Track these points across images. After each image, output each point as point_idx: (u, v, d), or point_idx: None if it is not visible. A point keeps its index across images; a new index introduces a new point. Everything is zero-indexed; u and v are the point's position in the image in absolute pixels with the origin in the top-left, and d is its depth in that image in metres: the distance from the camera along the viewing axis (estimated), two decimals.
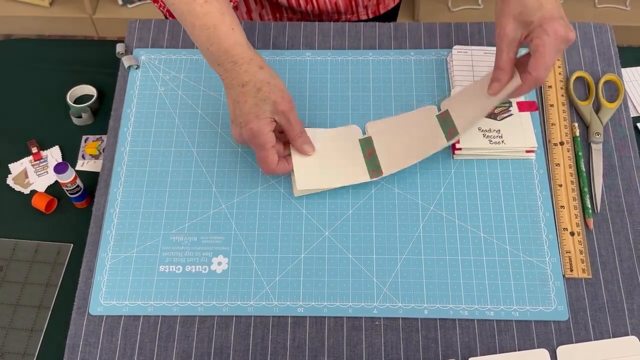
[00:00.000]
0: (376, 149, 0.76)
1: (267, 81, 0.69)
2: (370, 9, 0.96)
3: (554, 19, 0.65)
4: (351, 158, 0.76)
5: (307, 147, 0.74)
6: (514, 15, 0.67)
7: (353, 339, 0.68)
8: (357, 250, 0.72)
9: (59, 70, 0.90)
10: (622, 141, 0.79)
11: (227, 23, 0.70)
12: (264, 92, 0.69)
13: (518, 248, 0.72)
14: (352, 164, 0.75)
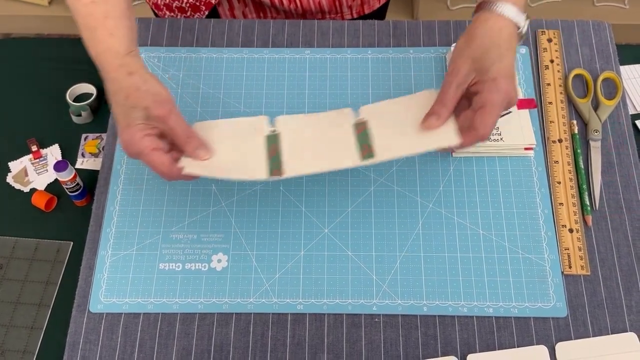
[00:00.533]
0: (282, 148, 0.69)
1: (137, 87, 0.64)
2: (354, 9, 0.96)
3: (508, 77, 0.64)
4: (251, 153, 0.69)
5: (200, 152, 0.66)
6: (473, 58, 0.65)
7: (352, 335, 0.68)
8: (356, 247, 0.72)
9: (59, 69, 0.90)
10: (621, 138, 0.79)
11: (107, 27, 0.66)
12: (132, 99, 0.64)
13: (517, 245, 0.72)
14: (251, 159, 0.68)
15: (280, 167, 0.67)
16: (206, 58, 0.85)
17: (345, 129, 0.70)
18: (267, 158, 0.68)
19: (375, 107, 0.72)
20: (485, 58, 0.64)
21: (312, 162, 0.68)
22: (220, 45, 0.86)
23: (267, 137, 0.70)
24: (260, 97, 0.82)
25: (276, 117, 0.72)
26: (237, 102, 0.82)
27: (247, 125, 0.72)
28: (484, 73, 0.64)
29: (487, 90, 0.64)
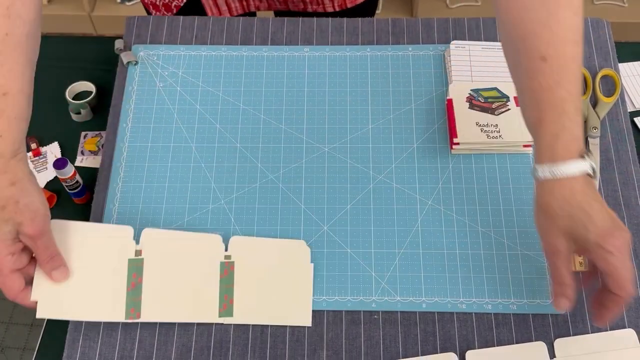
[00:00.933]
0: (143, 280, 0.65)
1: (16, 200, 0.60)
2: (336, 1, 0.95)
3: (610, 233, 0.57)
4: (110, 286, 0.65)
5: (56, 274, 0.63)
6: (564, 232, 0.59)
7: (352, 332, 0.69)
8: (355, 244, 0.72)
9: (58, 67, 0.90)
10: (619, 135, 0.79)
11: None
12: (8, 212, 0.60)
13: (515, 242, 0.72)
14: (108, 295, 0.65)
15: (140, 306, 0.65)
16: (205, 56, 0.85)
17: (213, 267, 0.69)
18: (125, 291, 0.66)
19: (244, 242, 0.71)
20: (575, 227, 0.58)
21: (171, 310, 0.67)
22: (220, 43, 0.86)
23: (129, 262, 0.66)
24: (259, 95, 0.82)
25: (144, 231, 0.68)
26: (236, 99, 0.82)
27: (111, 239, 0.67)
28: (584, 241, 0.58)
29: (601, 260, 0.58)
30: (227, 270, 0.68)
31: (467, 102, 0.79)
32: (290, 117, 0.80)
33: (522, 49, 0.60)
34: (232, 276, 0.68)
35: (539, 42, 0.59)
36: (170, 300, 0.67)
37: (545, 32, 0.59)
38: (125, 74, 0.84)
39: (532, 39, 0.59)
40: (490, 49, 0.83)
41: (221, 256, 0.69)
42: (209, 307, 0.67)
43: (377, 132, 0.79)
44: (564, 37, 0.59)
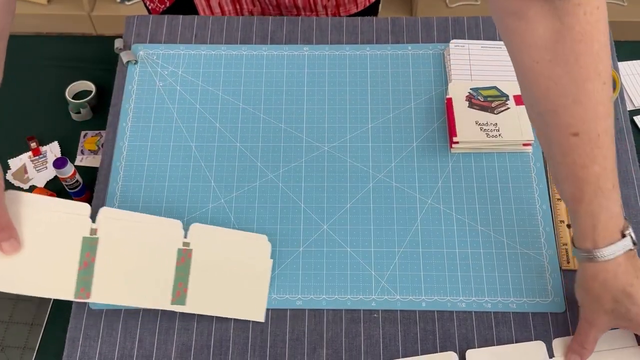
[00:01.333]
0: (96, 260, 0.63)
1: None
2: (329, 9, 0.95)
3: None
4: (62, 263, 0.62)
5: (6, 246, 0.60)
6: (605, 312, 0.61)
7: (351, 331, 0.69)
8: (355, 243, 0.72)
9: (58, 67, 0.90)
10: (619, 134, 0.79)
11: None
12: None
13: (515, 240, 0.72)
14: (59, 272, 0.62)
15: (90, 286, 0.63)
16: (205, 55, 0.85)
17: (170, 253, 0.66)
18: (77, 270, 0.63)
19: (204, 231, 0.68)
20: (618, 308, 0.60)
21: (122, 293, 0.64)
22: (219, 42, 0.86)
23: (84, 240, 0.63)
24: (258, 94, 0.82)
25: (101, 210, 0.65)
26: (236, 98, 0.82)
27: (67, 215, 0.64)
28: (628, 320, 0.60)
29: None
30: (184, 258, 0.67)
31: (466, 101, 0.79)
32: (290, 116, 0.81)
33: (552, 123, 0.59)
34: (188, 264, 0.67)
35: (570, 118, 0.58)
36: (123, 282, 0.65)
37: (576, 108, 0.57)
38: (125, 73, 0.84)
39: (563, 113, 0.58)
40: (490, 48, 0.83)
41: (179, 243, 0.67)
42: (161, 293, 0.66)
43: (376, 131, 0.79)
44: (595, 111, 0.57)
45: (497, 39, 0.85)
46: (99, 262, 0.64)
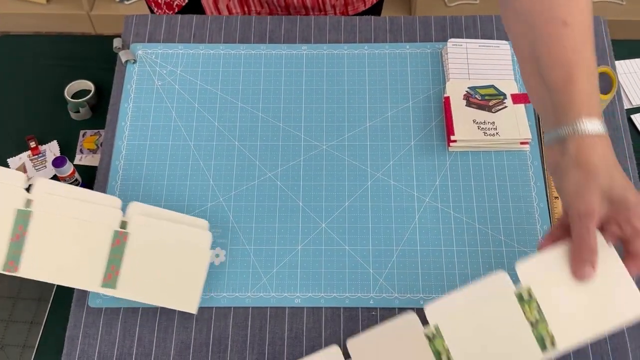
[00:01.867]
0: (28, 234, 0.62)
1: None
2: (338, 8, 0.96)
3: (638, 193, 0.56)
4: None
5: None
6: (601, 192, 0.56)
7: (350, 329, 0.69)
8: (353, 241, 0.73)
9: (57, 66, 0.90)
10: (616, 132, 0.79)
11: None
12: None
13: (512, 239, 0.72)
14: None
15: (19, 260, 0.62)
16: (203, 54, 0.85)
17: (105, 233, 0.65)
18: (8, 242, 0.62)
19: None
20: (614, 187, 0.56)
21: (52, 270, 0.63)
22: (218, 42, 0.87)
23: (17, 213, 0.62)
24: (257, 93, 0.82)
25: (37, 180, 0.64)
26: (235, 98, 0.82)
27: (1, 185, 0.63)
28: (622, 202, 0.55)
29: (637, 217, 0.55)
30: (120, 240, 0.65)
31: (464, 100, 0.79)
32: (288, 115, 0.81)
33: (539, 19, 0.61)
34: (123, 247, 0.65)
35: (559, 10, 0.60)
36: (53, 259, 0.63)
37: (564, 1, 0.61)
38: (123, 72, 0.85)
39: (551, 7, 0.61)
40: (487, 47, 0.83)
41: (117, 223, 0.65)
42: (92, 275, 0.64)
43: (374, 130, 0.79)
44: (582, 6, 0.61)
45: (495, 38, 0.85)
46: (30, 236, 0.62)
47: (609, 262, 0.56)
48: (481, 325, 0.56)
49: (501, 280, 0.57)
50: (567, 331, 0.55)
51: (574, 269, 0.57)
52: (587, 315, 0.56)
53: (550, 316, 0.55)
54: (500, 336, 0.56)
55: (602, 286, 0.56)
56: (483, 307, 0.57)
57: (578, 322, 0.55)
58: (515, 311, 0.56)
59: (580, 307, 0.56)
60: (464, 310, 0.57)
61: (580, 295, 0.56)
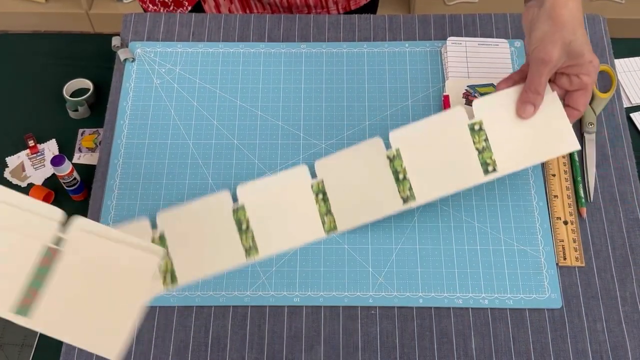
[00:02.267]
0: None
1: None
2: (340, 4, 0.96)
3: (594, 53, 0.65)
4: None
5: None
6: (564, 43, 0.63)
7: (349, 327, 0.69)
8: (352, 240, 0.73)
9: (55, 64, 0.90)
10: (615, 131, 0.79)
11: None
12: None
13: (512, 237, 0.72)
14: None
15: None
16: (202, 53, 0.85)
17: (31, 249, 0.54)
18: None
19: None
20: (576, 41, 0.63)
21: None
22: (217, 40, 0.87)
23: None
24: (256, 92, 0.82)
25: None
26: (233, 96, 0.82)
27: None
28: (578, 57, 0.64)
29: (585, 73, 0.65)
30: (49, 259, 0.54)
31: (463, 98, 0.79)
32: (287, 113, 0.81)
33: None
34: (51, 268, 0.54)
35: None
36: None
37: None
38: (122, 71, 0.84)
39: None
40: (487, 45, 0.83)
41: (49, 239, 0.54)
42: (3, 296, 0.53)
43: (373, 129, 0.79)
44: None
45: (495, 36, 0.85)
46: None
47: (552, 106, 0.66)
48: (436, 149, 0.65)
49: (458, 113, 0.66)
50: (507, 159, 0.64)
51: (518, 107, 0.66)
52: (526, 147, 0.65)
53: (495, 146, 0.64)
54: (451, 160, 0.64)
55: (543, 126, 0.65)
56: (439, 135, 0.65)
57: (517, 153, 0.65)
58: (466, 139, 0.65)
59: (521, 140, 0.65)
60: (423, 136, 0.65)
61: (523, 131, 0.65)
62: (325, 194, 0.64)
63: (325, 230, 0.64)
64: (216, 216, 0.63)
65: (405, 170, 0.64)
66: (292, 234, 0.64)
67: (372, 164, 0.65)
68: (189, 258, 0.61)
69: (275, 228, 0.63)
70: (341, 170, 0.65)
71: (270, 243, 0.63)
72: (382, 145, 0.65)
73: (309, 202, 0.64)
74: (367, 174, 0.65)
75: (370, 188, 0.65)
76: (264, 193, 0.65)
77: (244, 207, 0.63)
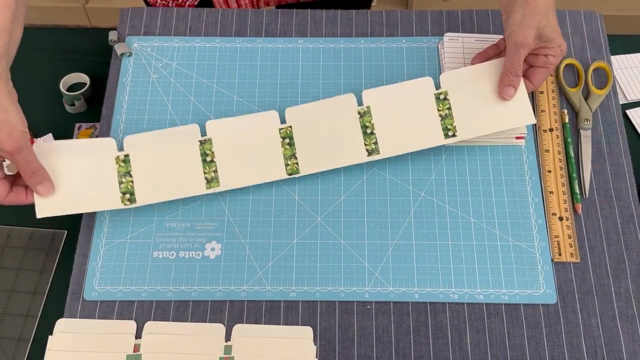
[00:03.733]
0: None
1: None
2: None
3: (563, 38, 0.72)
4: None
5: (41, 188, 0.68)
6: (538, 27, 0.69)
7: (345, 322, 0.69)
8: (348, 235, 0.73)
9: (52, 59, 0.90)
10: (611, 127, 0.80)
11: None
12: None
13: (507, 233, 0.73)
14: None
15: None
16: (199, 47, 0.85)
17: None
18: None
19: None
20: (548, 25, 0.70)
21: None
22: (214, 35, 0.86)
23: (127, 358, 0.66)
24: (253, 87, 0.82)
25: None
26: (230, 91, 0.82)
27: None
28: (549, 40, 0.71)
29: (553, 55, 0.72)
30: None
31: None
32: (284, 108, 0.80)
33: None
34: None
35: None
36: None
37: None
38: (119, 65, 0.84)
39: None
40: (484, 41, 0.83)
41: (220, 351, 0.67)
42: None
43: None
44: None
45: (492, 32, 0.85)
46: None
47: None
48: (403, 111, 0.74)
49: (426, 83, 0.75)
50: (467, 126, 0.73)
51: (500, 89, 0.73)
52: (486, 117, 0.73)
53: (457, 114, 0.73)
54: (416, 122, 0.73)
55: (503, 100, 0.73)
56: (408, 98, 0.74)
57: (477, 121, 0.73)
58: (431, 106, 0.74)
59: (481, 111, 0.73)
60: (393, 98, 0.74)
61: (484, 102, 0.73)
62: (292, 139, 0.73)
63: (287, 172, 0.72)
64: (182, 145, 0.72)
65: (373, 126, 0.73)
66: (255, 171, 0.72)
67: (342, 116, 0.74)
68: (151, 181, 0.71)
69: (239, 164, 0.72)
70: (310, 119, 0.74)
71: (232, 177, 0.72)
72: (354, 101, 0.75)
73: (274, 145, 0.73)
74: (336, 125, 0.73)
75: (338, 138, 0.73)
76: (232, 130, 0.73)
77: (210, 141, 0.72)
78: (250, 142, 0.73)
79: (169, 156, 0.72)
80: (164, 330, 0.68)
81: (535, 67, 0.74)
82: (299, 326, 0.69)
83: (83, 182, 0.71)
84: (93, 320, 0.69)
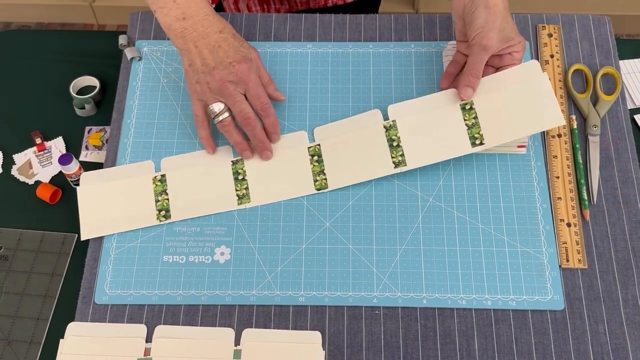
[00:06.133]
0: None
1: (233, 32, 0.75)
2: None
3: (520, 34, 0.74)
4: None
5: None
6: (499, 30, 0.71)
7: (353, 327, 0.70)
8: (357, 240, 0.73)
9: (62, 62, 0.90)
10: (619, 133, 0.80)
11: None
12: (239, 38, 0.74)
13: (515, 239, 0.73)
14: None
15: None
16: None
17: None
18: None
19: None
20: (507, 27, 0.72)
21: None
22: None
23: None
24: None
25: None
26: None
27: None
28: (509, 40, 0.72)
29: (517, 50, 0.74)
30: None
31: None
32: (292, 113, 0.81)
33: None
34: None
35: None
36: None
37: None
38: (129, 69, 0.85)
39: None
40: None
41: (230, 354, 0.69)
42: None
43: None
44: None
45: None
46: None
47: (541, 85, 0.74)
48: (429, 122, 0.75)
49: (452, 94, 0.76)
50: (494, 134, 0.73)
51: (459, 90, 0.73)
52: (513, 123, 0.73)
53: (483, 123, 0.74)
54: (443, 132, 0.74)
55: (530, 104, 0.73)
56: (434, 111, 0.75)
57: (504, 128, 0.73)
58: (457, 116, 0.74)
59: (508, 118, 0.73)
60: (419, 111, 0.76)
61: (511, 109, 0.73)
62: (321, 156, 0.76)
63: (316, 188, 0.75)
64: (216, 166, 0.76)
65: (399, 139, 0.74)
66: (284, 187, 0.75)
67: (368, 131, 0.76)
68: (185, 198, 0.75)
69: (269, 181, 0.75)
70: (338, 136, 0.77)
71: (262, 194, 0.75)
72: (380, 116, 0.77)
73: (304, 162, 0.76)
74: (363, 140, 0.76)
75: (364, 152, 0.75)
76: None
77: (242, 161, 0.76)
78: (281, 160, 0.76)
79: (203, 176, 0.76)
80: (174, 334, 0.69)
81: (503, 67, 0.75)
82: (308, 331, 0.69)
83: (124, 202, 0.75)
84: (104, 324, 0.70)
